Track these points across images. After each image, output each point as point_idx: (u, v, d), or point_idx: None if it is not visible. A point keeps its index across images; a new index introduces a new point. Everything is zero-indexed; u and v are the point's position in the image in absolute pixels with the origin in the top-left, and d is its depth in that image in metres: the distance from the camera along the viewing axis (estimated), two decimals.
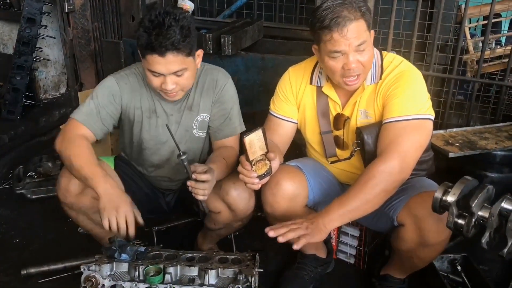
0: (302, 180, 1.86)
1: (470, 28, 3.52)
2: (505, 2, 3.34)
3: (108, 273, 1.67)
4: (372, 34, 1.69)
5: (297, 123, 1.94)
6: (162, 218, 2.27)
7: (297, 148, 2.10)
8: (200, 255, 1.74)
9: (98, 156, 1.85)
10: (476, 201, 1.28)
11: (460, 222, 1.32)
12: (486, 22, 2.88)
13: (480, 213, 1.29)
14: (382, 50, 1.81)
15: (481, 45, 3.10)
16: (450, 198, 1.33)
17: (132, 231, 1.70)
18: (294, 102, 1.91)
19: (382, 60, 1.77)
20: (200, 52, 1.83)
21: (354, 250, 2.16)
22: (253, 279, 1.61)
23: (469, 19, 3.50)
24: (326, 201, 1.85)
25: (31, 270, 2.06)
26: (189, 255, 1.74)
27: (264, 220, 1.96)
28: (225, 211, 1.89)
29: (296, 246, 1.56)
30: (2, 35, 3.62)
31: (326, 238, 2.14)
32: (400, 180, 1.62)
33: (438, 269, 1.98)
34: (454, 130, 2.55)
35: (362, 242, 2.11)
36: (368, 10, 1.64)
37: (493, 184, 1.38)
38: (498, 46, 3.55)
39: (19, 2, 3.40)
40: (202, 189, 1.67)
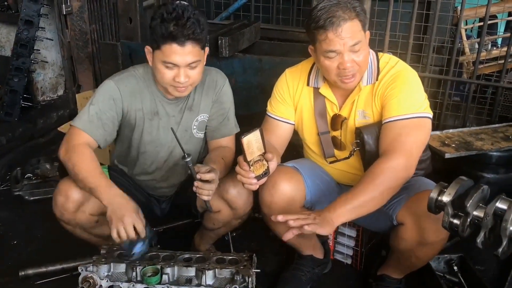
0: (299, 181, 1.87)
1: (466, 29, 3.54)
2: (500, 4, 3.36)
3: (105, 273, 1.67)
4: (367, 35, 1.70)
5: (294, 124, 1.95)
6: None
7: (294, 149, 2.11)
8: (197, 256, 1.75)
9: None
10: (471, 201, 1.28)
11: (455, 222, 1.32)
12: (482, 23, 2.90)
13: (475, 213, 1.30)
14: (378, 52, 1.83)
15: (477, 46, 3.12)
16: (446, 198, 1.34)
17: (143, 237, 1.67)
18: (291, 103, 1.91)
19: (378, 61, 1.78)
20: (207, 49, 1.83)
21: (351, 251, 2.16)
22: (250, 280, 1.62)
23: (465, 21, 3.53)
24: (323, 201, 1.86)
25: (29, 272, 2.06)
26: (186, 256, 1.75)
27: (261, 221, 1.97)
28: (225, 209, 1.90)
29: (301, 231, 1.51)
30: (0, 37, 3.63)
31: (324, 239, 2.16)
32: (405, 177, 1.63)
33: (434, 269, 1.99)
34: (451, 131, 2.55)
35: (359, 242, 2.11)
36: (363, 11, 1.65)
37: (489, 184, 1.38)
38: (494, 48, 3.57)
39: (17, 4, 3.41)
40: (207, 189, 1.68)
